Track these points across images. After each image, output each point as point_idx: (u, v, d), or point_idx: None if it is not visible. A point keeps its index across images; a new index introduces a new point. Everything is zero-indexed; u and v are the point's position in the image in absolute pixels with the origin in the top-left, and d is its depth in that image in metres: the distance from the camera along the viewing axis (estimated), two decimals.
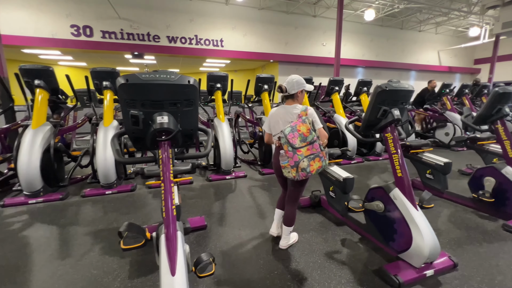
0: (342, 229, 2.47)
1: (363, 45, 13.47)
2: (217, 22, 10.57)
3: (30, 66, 3.32)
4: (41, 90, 3.35)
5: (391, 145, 2.01)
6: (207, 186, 3.71)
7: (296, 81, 1.95)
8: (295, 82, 1.95)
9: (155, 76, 1.22)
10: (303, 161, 1.75)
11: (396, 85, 1.90)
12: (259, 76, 4.58)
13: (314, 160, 1.79)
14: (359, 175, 4.19)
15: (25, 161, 3.01)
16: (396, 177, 1.99)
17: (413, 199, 1.89)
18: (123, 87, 1.19)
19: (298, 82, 1.96)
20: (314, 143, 1.80)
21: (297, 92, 1.97)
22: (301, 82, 1.97)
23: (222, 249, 2.15)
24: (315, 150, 1.80)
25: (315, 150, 1.80)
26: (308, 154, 1.78)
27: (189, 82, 1.28)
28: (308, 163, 1.76)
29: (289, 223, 2.09)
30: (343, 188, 2.56)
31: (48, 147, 3.22)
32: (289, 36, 11.86)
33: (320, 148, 1.82)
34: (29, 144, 3.08)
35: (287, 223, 2.09)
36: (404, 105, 2.03)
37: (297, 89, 1.96)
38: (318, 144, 1.81)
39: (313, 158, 1.79)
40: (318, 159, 1.80)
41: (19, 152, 3.03)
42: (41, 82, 3.34)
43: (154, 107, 1.26)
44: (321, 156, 1.81)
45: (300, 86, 1.96)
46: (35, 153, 3.08)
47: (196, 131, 1.47)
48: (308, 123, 1.81)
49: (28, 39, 8.30)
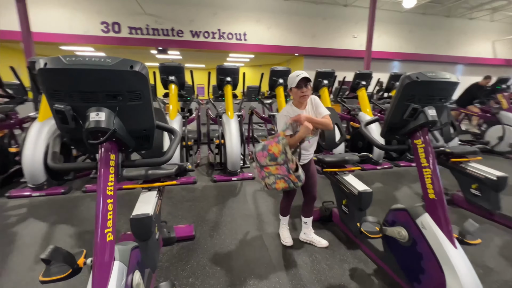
0: (353, 254, 2.02)
1: (400, 36, 12.18)
2: (241, 16, 10.26)
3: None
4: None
5: (422, 156, 1.51)
6: (209, 188, 3.44)
7: (289, 78, 1.85)
8: (287, 81, 1.87)
9: (84, 60, 0.92)
10: (268, 178, 1.80)
11: (433, 74, 1.39)
12: (273, 69, 4.17)
13: (281, 180, 1.78)
14: (385, 184, 3.60)
15: (30, 154, 3.01)
16: (426, 199, 1.49)
17: (450, 231, 1.39)
18: (41, 73, 0.91)
19: (288, 80, 1.86)
20: (282, 166, 1.76)
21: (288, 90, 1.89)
22: (289, 80, 1.85)
23: (205, 269, 1.84)
24: (282, 172, 1.76)
25: (281, 172, 1.76)
26: (276, 173, 1.78)
27: (132, 68, 0.97)
28: (274, 181, 1.79)
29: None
30: (357, 204, 2.09)
31: None
32: (317, 28, 11.12)
33: (288, 171, 1.75)
34: (34, 136, 3.08)
35: None
36: (444, 102, 1.50)
37: (288, 87, 1.87)
38: (285, 167, 1.75)
39: (280, 178, 1.78)
40: (283, 181, 1.78)
41: (24, 145, 3.05)
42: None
43: (86, 100, 0.98)
44: (287, 179, 1.77)
45: (289, 85, 1.85)
46: (40, 146, 3.07)
47: (152, 130, 1.16)
48: (282, 144, 1.74)
49: (64, 36, 8.80)
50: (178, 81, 3.81)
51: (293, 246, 2.11)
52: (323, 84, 4.39)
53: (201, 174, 3.99)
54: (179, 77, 3.82)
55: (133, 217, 1.57)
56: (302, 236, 2.19)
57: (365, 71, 4.61)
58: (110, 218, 1.01)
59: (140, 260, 1.30)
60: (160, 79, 3.79)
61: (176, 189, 3.38)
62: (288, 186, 1.79)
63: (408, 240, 1.55)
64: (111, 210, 1.03)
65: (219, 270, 1.83)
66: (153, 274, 1.70)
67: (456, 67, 13.65)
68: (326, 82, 4.39)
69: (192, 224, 2.33)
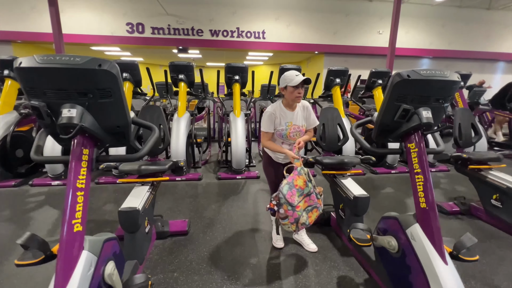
0: (346, 261, 1.92)
1: (431, 31, 11.32)
2: (260, 13, 10.21)
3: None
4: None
5: (415, 161, 1.39)
6: (213, 185, 3.49)
7: (281, 78, 1.81)
8: (281, 79, 1.81)
9: (55, 59, 0.97)
10: (302, 216, 1.66)
11: (427, 72, 1.27)
12: (282, 67, 4.10)
13: (312, 211, 1.70)
14: (397, 190, 3.39)
15: (49, 146, 3.27)
16: (418, 208, 1.37)
17: (441, 245, 1.27)
18: (18, 71, 0.98)
19: (281, 80, 1.82)
20: (311, 194, 1.71)
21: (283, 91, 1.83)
22: (282, 80, 1.79)
23: (191, 264, 1.87)
24: (312, 201, 1.71)
25: (312, 202, 1.71)
26: (306, 207, 1.69)
27: (100, 67, 1.00)
28: (307, 216, 1.67)
29: None
30: (353, 209, 2.00)
31: None
32: (339, 24, 10.72)
33: (316, 197, 1.72)
34: None
35: None
36: (443, 103, 1.36)
37: (280, 87, 1.84)
38: (314, 195, 1.71)
39: (311, 210, 1.70)
40: (316, 210, 1.72)
41: None
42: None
43: (58, 97, 1.03)
44: (318, 206, 1.73)
45: (281, 84, 1.81)
46: None
47: (127, 127, 1.20)
48: (304, 174, 1.70)
49: (93, 37, 9.41)
50: (187, 79, 3.89)
51: (285, 248, 2.06)
52: (335, 83, 4.23)
53: (208, 171, 4.06)
54: (189, 75, 3.90)
55: (120, 210, 1.64)
56: (295, 235, 2.18)
57: (382, 69, 4.34)
58: (79, 210, 1.06)
59: (119, 251, 1.36)
60: (170, 77, 3.90)
61: (181, 185, 3.47)
62: (319, 212, 1.74)
63: (397, 251, 1.45)
64: (81, 202, 1.08)
65: (205, 267, 1.85)
66: (141, 265, 1.76)
67: (497, 64, 12.40)
68: (338, 80, 4.22)
69: (186, 219, 2.37)
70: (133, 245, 1.72)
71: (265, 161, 2.05)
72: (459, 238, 1.38)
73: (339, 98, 4.18)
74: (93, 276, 1.08)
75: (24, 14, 8.87)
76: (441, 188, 3.52)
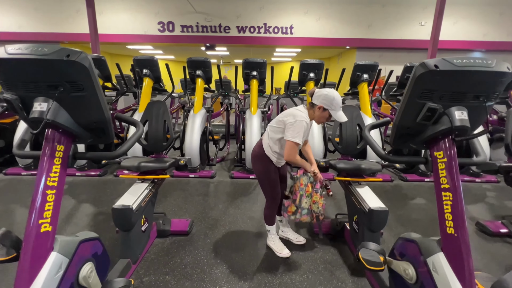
0: (355, 282, 1.67)
1: (485, 21, 9.94)
2: (288, 8, 9.89)
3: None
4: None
5: (442, 174, 1.10)
6: (225, 183, 3.40)
7: (325, 95, 1.61)
8: (323, 94, 1.62)
9: (23, 50, 0.92)
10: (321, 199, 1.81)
11: (463, 62, 0.98)
12: (304, 62, 3.85)
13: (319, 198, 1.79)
14: (429, 201, 2.96)
15: None
16: (443, 233, 1.09)
17: (472, 284, 0.98)
18: None
19: (326, 97, 1.60)
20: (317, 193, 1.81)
21: (316, 106, 1.65)
22: (329, 100, 1.60)
23: (185, 268, 1.78)
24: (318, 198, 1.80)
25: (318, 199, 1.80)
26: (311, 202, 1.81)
27: (68, 57, 0.92)
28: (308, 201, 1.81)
29: (265, 221, 1.97)
30: (368, 223, 1.73)
31: None
32: (374, 16, 9.93)
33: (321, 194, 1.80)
34: None
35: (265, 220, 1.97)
36: (485, 101, 1.06)
37: (319, 103, 1.63)
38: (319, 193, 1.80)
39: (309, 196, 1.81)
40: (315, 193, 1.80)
41: None
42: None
43: (29, 90, 0.98)
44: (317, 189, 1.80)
45: (323, 102, 1.61)
46: None
47: (106, 123, 1.12)
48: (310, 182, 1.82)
49: (128, 37, 9.97)
50: (204, 75, 3.84)
51: (289, 260, 1.88)
52: (362, 79, 3.84)
53: (223, 169, 3.99)
54: (206, 71, 3.85)
55: (114, 208, 1.60)
56: (280, 233, 2.11)
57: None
58: (48, 209, 1.01)
59: (101, 252, 1.30)
60: (188, 73, 3.89)
61: (193, 182, 3.44)
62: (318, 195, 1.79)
63: (415, 282, 1.18)
64: (51, 201, 1.02)
65: (199, 272, 1.75)
66: (134, 264, 1.72)
67: None
68: (366, 76, 3.83)
69: (189, 219, 2.30)
70: (127, 244, 1.68)
71: (266, 166, 1.81)
72: (503, 272, 1.08)
73: (366, 96, 3.80)
74: (62, 279, 1.03)
75: (70, 16, 9.69)
76: (487, 203, 3.00)
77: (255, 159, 1.86)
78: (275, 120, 1.79)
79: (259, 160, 1.83)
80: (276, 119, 1.78)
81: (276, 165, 1.83)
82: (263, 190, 1.90)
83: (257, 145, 1.88)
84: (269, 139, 1.79)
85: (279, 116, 1.77)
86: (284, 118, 1.71)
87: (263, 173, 1.83)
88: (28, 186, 3.20)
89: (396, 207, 2.74)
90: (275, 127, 1.76)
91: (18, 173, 3.55)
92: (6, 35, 9.60)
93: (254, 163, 1.87)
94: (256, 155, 1.85)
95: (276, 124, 1.75)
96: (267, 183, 1.85)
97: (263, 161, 1.81)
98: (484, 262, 1.90)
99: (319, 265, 1.84)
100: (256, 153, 1.85)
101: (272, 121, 1.82)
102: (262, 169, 1.83)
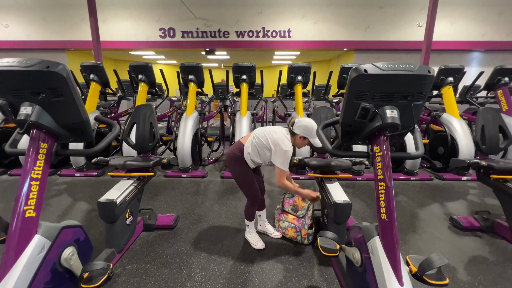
0: (321, 271, 1.80)
1: (484, 21, 9.92)
2: (286, 12, 10.07)
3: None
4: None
5: (379, 166, 1.24)
6: (215, 183, 3.56)
7: (305, 126, 1.81)
8: (303, 125, 1.81)
9: (10, 63, 1.10)
10: (283, 222, 2.16)
11: (388, 66, 1.12)
12: (291, 65, 3.99)
13: (293, 229, 2.09)
14: (410, 199, 3.05)
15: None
16: (379, 219, 1.22)
17: (398, 262, 1.11)
18: None
19: (306, 128, 1.81)
20: (301, 218, 2.10)
21: (297, 135, 1.85)
22: (308, 131, 1.80)
23: (166, 258, 1.94)
24: (297, 224, 2.10)
25: (297, 224, 2.10)
26: (292, 222, 2.12)
27: (48, 68, 1.10)
28: (286, 227, 2.12)
29: (245, 216, 2.11)
30: (333, 216, 1.86)
31: None
32: (371, 18, 10.02)
33: (303, 226, 2.07)
34: None
35: (245, 216, 2.12)
36: (412, 100, 1.19)
37: (300, 132, 1.83)
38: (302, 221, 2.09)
39: (293, 228, 2.09)
40: (294, 231, 2.09)
41: None
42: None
43: (17, 96, 1.16)
44: (298, 232, 2.08)
45: (304, 133, 1.82)
46: None
47: (83, 124, 1.29)
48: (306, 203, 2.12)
49: (130, 43, 10.30)
50: (197, 79, 4.03)
51: (263, 252, 2.01)
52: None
53: (215, 170, 4.15)
54: (198, 76, 4.03)
55: (99, 201, 1.77)
56: (258, 228, 2.27)
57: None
58: (32, 198, 1.18)
59: (83, 238, 1.47)
60: (181, 78, 4.08)
61: (185, 181, 3.61)
62: (296, 237, 2.08)
63: (360, 265, 1.31)
64: (35, 191, 1.20)
65: (177, 261, 1.90)
66: (118, 254, 1.89)
67: None
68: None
69: (174, 215, 2.46)
70: (111, 234, 1.85)
71: (243, 167, 1.91)
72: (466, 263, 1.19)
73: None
74: (44, 258, 1.19)
75: (76, 25, 10.08)
76: (467, 200, 3.07)
77: (232, 161, 1.93)
78: (265, 137, 1.85)
79: (236, 162, 1.92)
80: (265, 137, 1.85)
81: (252, 166, 1.96)
82: (242, 190, 2.01)
83: (235, 148, 1.93)
84: (251, 149, 1.87)
85: (268, 135, 1.84)
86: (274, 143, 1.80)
87: (240, 174, 1.93)
88: None
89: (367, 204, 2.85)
90: (262, 144, 1.85)
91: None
92: (14, 43, 10.06)
93: (231, 165, 1.95)
94: (233, 158, 1.92)
95: (265, 143, 1.84)
96: (245, 183, 1.96)
97: (240, 163, 1.91)
98: (452, 254, 2.00)
99: (290, 255, 1.97)
100: (234, 156, 1.92)
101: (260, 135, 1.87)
102: (239, 170, 1.92)
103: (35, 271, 1.14)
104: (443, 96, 3.95)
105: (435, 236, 2.28)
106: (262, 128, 1.96)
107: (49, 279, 1.21)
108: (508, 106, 3.84)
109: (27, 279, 1.11)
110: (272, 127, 1.93)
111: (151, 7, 10.03)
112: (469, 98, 4.35)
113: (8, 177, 3.74)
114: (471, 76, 4.61)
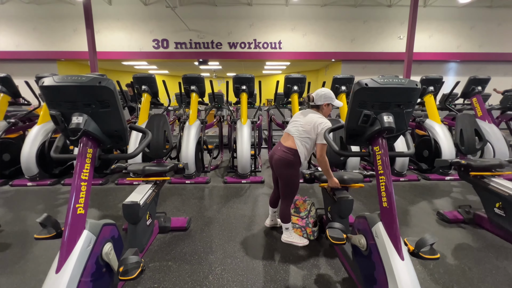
0: (329, 262, 2.00)
1: (458, 34, 10.80)
2: (276, 24, 10.55)
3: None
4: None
5: (379, 163, 1.48)
6: (219, 188, 3.71)
7: (324, 94, 2.04)
8: (322, 94, 2.04)
9: (66, 79, 1.27)
10: None
11: (384, 81, 1.38)
12: (288, 76, 4.28)
13: (298, 229, 2.31)
14: (401, 198, 3.33)
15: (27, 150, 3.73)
16: (381, 207, 1.45)
17: (398, 241, 1.34)
18: (42, 89, 1.29)
19: (326, 95, 2.04)
20: (304, 219, 2.32)
21: (322, 105, 2.06)
22: (329, 96, 2.04)
23: (185, 256, 2.08)
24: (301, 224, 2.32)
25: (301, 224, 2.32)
26: (296, 223, 2.33)
27: (100, 84, 1.28)
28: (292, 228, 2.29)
29: (283, 220, 2.20)
30: (337, 210, 2.08)
31: None
32: (356, 31, 10.68)
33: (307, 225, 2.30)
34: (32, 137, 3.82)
35: (282, 220, 2.22)
36: (404, 108, 1.45)
37: (323, 101, 2.04)
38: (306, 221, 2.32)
39: (298, 228, 2.31)
40: (300, 231, 2.31)
41: None
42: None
43: (69, 108, 1.32)
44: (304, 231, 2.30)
45: (327, 100, 2.04)
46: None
47: (123, 131, 1.46)
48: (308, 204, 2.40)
49: (124, 54, 10.41)
50: (198, 90, 4.23)
51: (274, 247, 2.19)
52: (341, 91, 4.28)
53: (217, 176, 4.31)
54: (200, 86, 4.24)
55: (124, 203, 1.91)
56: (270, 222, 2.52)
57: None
58: (82, 197, 1.33)
59: (117, 236, 1.61)
60: (184, 89, 4.27)
61: (189, 187, 3.74)
62: (302, 235, 2.27)
63: (366, 249, 1.53)
64: (84, 190, 1.35)
65: (196, 258, 2.05)
66: (141, 253, 2.01)
67: None
68: (344, 88, 4.28)
69: (187, 217, 2.61)
70: (135, 235, 1.98)
71: (296, 171, 2.06)
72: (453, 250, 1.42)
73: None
74: (91, 252, 1.33)
75: (67, 35, 10.10)
76: (451, 197, 3.39)
77: (285, 166, 2.03)
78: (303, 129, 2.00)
79: (288, 166, 2.03)
80: (304, 129, 2.00)
81: None
82: (286, 192, 2.12)
83: (284, 153, 2.02)
84: (303, 149, 2.01)
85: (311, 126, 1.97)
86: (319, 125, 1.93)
87: (292, 176, 2.06)
88: (34, 196, 3.44)
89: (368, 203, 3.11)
90: (306, 137, 2.00)
91: (24, 184, 3.79)
92: (3, 54, 9.89)
93: (284, 169, 2.04)
94: (286, 162, 2.02)
95: (307, 134, 2.00)
96: (293, 186, 2.10)
97: (293, 167, 2.04)
98: (440, 243, 2.26)
99: (299, 249, 2.16)
100: (287, 160, 2.02)
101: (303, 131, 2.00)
102: (291, 173, 2.05)
103: (85, 262, 1.28)
104: (425, 103, 4.35)
105: (426, 228, 2.55)
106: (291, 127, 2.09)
107: (95, 270, 1.35)
108: (482, 112, 4.27)
109: (79, 269, 1.25)
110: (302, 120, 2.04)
111: (145, 19, 10.24)
112: (448, 105, 4.81)
113: (9, 188, 3.74)
114: (448, 85, 5.08)
